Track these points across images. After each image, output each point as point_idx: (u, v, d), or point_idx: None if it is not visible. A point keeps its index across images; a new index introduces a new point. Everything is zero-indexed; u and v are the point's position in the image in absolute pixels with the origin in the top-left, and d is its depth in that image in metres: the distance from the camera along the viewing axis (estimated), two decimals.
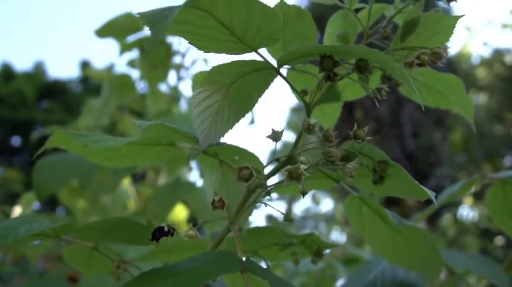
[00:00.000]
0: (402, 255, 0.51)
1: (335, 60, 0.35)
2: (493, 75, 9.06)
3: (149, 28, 0.27)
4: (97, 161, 0.50)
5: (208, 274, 0.35)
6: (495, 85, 8.80)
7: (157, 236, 0.36)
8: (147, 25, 0.27)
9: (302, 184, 0.34)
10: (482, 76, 9.19)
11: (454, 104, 0.49)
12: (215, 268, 0.36)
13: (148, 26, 0.27)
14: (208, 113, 0.38)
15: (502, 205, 0.68)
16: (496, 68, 9.12)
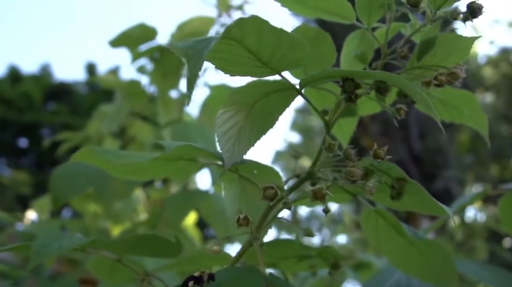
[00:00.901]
0: (417, 267, 0.52)
1: (357, 83, 0.36)
2: (500, 75, 9.02)
3: (186, 61, 0.28)
4: (119, 175, 0.52)
5: None
6: (502, 84, 8.77)
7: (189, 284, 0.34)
8: (183, 58, 0.28)
9: (326, 203, 0.35)
10: (489, 75, 9.15)
11: (468, 120, 0.50)
12: (240, 284, 0.37)
13: (184, 59, 0.28)
14: (231, 133, 0.39)
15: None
16: (502, 67, 9.08)
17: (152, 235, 0.40)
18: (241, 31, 0.30)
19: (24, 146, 11.57)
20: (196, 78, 0.27)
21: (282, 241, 0.50)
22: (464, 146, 6.60)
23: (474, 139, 6.59)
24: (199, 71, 0.27)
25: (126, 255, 0.47)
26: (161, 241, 0.40)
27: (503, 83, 8.82)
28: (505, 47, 9.26)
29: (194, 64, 0.27)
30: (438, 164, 5.15)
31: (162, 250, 0.43)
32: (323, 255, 0.51)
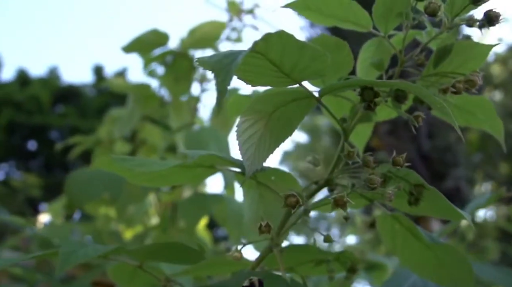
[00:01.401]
0: (433, 270, 0.53)
1: (375, 92, 0.36)
2: (508, 72, 8.96)
3: (214, 76, 0.29)
4: (138, 182, 0.52)
5: None
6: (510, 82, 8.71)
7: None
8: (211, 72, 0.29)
9: (346, 209, 0.36)
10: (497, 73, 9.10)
11: (484, 124, 0.51)
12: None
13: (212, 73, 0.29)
14: (252, 141, 0.40)
15: None
16: (511, 65, 9.02)
17: (175, 243, 0.41)
18: (267, 45, 0.31)
19: (33, 149, 11.65)
20: (225, 93, 0.28)
21: (300, 246, 0.51)
22: (473, 144, 6.58)
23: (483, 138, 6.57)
24: (227, 86, 0.28)
25: (147, 261, 0.47)
26: (183, 248, 0.41)
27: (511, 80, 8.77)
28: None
29: (222, 79, 0.28)
30: (447, 163, 5.13)
31: (184, 257, 0.43)
32: (340, 260, 0.52)
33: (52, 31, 27.89)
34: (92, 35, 29.61)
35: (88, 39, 29.01)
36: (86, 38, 29.35)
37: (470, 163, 6.13)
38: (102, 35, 29.91)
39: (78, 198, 0.87)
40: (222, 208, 0.94)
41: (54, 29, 27.91)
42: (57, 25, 29.09)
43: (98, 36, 29.64)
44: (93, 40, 29.23)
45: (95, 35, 29.65)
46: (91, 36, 29.20)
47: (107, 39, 30.77)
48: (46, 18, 29.49)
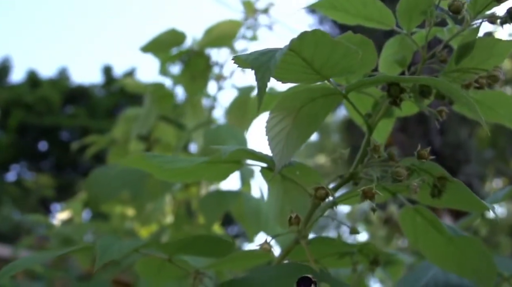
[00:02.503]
0: (455, 263, 0.54)
1: (402, 87, 0.38)
2: None
3: (254, 72, 0.30)
4: (166, 177, 0.54)
5: (287, 284, 0.38)
6: None
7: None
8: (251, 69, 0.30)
9: (374, 201, 0.37)
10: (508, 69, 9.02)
11: (504, 119, 0.52)
12: (292, 280, 0.39)
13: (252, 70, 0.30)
14: (280, 137, 0.41)
15: None
16: None
17: (207, 235, 0.42)
18: (301, 43, 0.32)
19: (44, 149, 11.75)
20: (265, 89, 0.29)
21: (324, 238, 0.52)
22: (484, 140, 6.54)
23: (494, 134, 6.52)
24: (267, 82, 0.29)
25: (176, 255, 0.49)
26: (215, 240, 0.42)
27: None
28: None
29: (261, 76, 0.29)
30: (458, 159, 5.10)
31: (214, 250, 0.45)
32: (363, 252, 0.53)
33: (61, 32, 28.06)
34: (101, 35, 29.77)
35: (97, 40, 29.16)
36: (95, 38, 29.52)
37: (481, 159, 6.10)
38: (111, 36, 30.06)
39: (99, 196, 0.89)
40: (239, 205, 0.95)
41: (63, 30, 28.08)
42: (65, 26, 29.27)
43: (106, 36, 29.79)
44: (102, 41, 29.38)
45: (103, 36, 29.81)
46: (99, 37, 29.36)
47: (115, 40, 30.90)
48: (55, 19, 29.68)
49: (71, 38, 27.51)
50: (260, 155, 0.44)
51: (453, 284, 0.58)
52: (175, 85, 1.26)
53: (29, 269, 1.53)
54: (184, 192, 1.35)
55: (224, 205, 0.89)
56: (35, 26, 27.45)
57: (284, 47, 0.31)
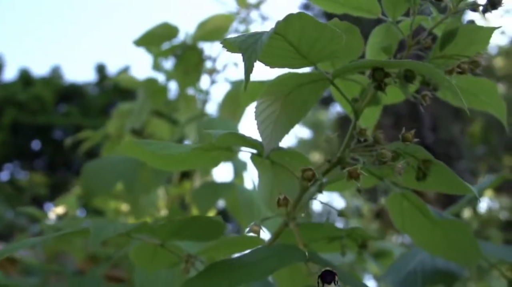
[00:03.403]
0: (441, 246, 0.55)
1: (386, 72, 0.39)
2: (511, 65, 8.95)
3: (241, 54, 0.31)
4: (159, 166, 0.55)
5: (276, 264, 0.39)
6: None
7: (327, 280, 0.36)
8: (238, 51, 0.32)
9: (360, 182, 0.38)
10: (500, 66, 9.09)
11: (487, 106, 0.53)
12: (282, 260, 0.40)
13: (240, 52, 0.31)
14: (269, 121, 0.42)
15: None
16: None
17: (198, 216, 0.43)
18: (287, 26, 0.33)
19: (37, 148, 11.71)
20: (252, 69, 0.31)
21: (314, 223, 0.53)
22: (476, 137, 6.59)
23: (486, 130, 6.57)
24: (254, 63, 0.31)
25: (169, 240, 0.50)
26: (206, 221, 0.43)
27: None
28: None
29: (248, 57, 0.31)
30: (450, 156, 5.15)
31: (206, 232, 0.46)
32: (352, 236, 0.54)
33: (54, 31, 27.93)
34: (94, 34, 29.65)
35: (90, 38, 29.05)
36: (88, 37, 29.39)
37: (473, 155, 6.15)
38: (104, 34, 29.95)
39: (93, 188, 0.90)
40: (232, 196, 0.96)
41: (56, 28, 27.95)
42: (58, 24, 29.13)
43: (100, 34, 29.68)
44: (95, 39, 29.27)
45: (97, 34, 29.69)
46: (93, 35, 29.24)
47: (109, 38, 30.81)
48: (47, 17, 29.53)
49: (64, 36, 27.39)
50: (249, 140, 0.45)
51: (439, 268, 0.59)
52: (169, 81, 1.27)
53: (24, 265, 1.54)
54: (178, 187, 1.36)
55: (217, 196, 0.90)
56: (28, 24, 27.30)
57: (270, 30, 0.32)
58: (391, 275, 0.62)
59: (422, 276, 0.59)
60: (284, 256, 0.41)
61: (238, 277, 0.39)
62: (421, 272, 0.59)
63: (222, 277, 0.40)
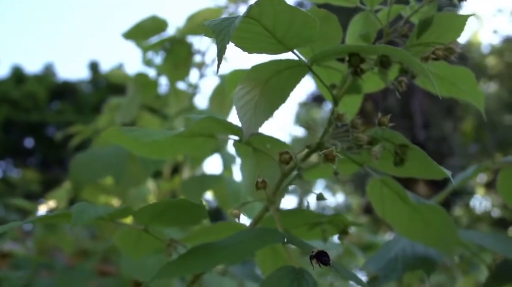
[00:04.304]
0: (421, 232, 0.56)
1: (362, 57, 0.40)
2: (504, 64, 9.01)
3: (215, 36, 0.32)
4: (143, 153, 0.56)
5: (256, 245, 0.40)
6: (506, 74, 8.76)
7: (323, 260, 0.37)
8: (212, 34, 0.32)
9: (336, 164, 0.39)
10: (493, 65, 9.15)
11: (465, 95, 0.54)
12: (260, 241, 0.41)
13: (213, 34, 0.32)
14: (249, 106, 0.43)
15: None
16: (506, 56, 9.07)
17: (178, 199, 0.44)
18: (260, 10, 0.34)
19: (30, 146, 11.67)
20: (224, 50, 0.31)
21: (294, 209, 0.54)
22: (468, 135, 6.63)
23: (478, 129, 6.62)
24: (226, 44, 0.31)
25: (152, 224, 0.51)
26: (186, 205, 0.44)
27: (506, 72, 8.81)
28: (508, 36, 9.25)
29: (222, 38, 0.31)
30: (442, 153, 5.18)
31: (187, 216, 0.47)
32: (333, 222, 0.55)
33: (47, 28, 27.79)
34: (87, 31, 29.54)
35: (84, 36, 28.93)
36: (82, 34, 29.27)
37: (465, 153, 6.19)
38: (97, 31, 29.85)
39: (81, 179, 0.90)
40: (221, 188, 0.97)
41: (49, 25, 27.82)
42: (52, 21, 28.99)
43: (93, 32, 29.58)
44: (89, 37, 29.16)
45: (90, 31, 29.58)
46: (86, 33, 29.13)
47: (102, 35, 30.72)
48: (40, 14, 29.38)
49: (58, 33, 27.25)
50: (230, 125, 0.45)
51: (420, 254, 0.60)
52: (159, 76, 1.28)
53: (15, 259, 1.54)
54: (169, 182, 1.37)
55: (205, 187, 0.91)
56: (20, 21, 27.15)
57: (243, 13, 0.33)
58: (373, 262, 0.63)
59: (402, 262, 0.60)
60: (262, 238, 0.42)
61: (216, 259, 0.40)
62: (401, 259, 0.60)
63: (200, 259, 0.41)
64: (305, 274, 0.37)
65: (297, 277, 0.36)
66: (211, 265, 0.40)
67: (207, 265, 0.40)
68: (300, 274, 0.37)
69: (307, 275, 0.37)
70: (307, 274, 0.37)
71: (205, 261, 0.40)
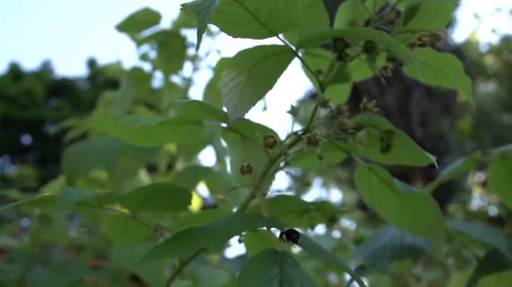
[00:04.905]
0: (409, 221, 0.56)
1: (346, 42, 0.40)
2: (502, 63, 9.02)
3: (196, 15, 0.32)
4: (132, 141, 0.56)
5: (239, 229, 0.40)
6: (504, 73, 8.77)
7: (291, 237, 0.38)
8: (193, 13, 0.32)
9: (320, 148, 0.39)
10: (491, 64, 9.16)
11: (453, 83, 0.54)
12: (244, 225, 0.41)
13: (194, 14, 0.32)
14: (234, 92, 0.43)
15: (504, 179, 0.73)
16: (505, 55, 9.08)
17: (165, 184, 0.44)
18: None
19: (28, 143, 11.65)
20: (204, 29, 0.32)
21: (282, 196, 0.54)
22: (465, 133, 6.64)
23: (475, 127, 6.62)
24: (207, 23, 0.32)
25: (139, 211, 0.51)
26: (173, 190, 0.44)
27: (505, 71, 8.83)
28: (507, 35, 9.26)
29: (202, 17, 0.32)
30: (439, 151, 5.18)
31: (174, 201, 0.47)
32: (321, 210, 0.55)
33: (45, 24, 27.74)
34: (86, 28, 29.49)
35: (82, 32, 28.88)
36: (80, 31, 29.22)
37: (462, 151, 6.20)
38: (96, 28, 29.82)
39: (74, 170, 0.91)
40: (213, 180, 0.98)
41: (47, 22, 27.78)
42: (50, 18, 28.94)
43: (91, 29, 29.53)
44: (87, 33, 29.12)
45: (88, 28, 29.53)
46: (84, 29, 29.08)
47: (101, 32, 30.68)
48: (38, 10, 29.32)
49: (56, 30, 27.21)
50: (216, 111, 0.46)
51: (407, 243, 0.61)
52: (155, 70, 1.28)
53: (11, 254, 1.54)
54: (165, 177, 1.37)
55: (198, 178, 0.91)
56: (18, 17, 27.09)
57: None
58: (361, 252, 0.63)
59: (390, 251, 0.60)
60: (246, 222, 0.42)
61: (199, 242, 0.40)
62: (390, 248, 0.60)
63: (185, 242, 0.41)
64: (287, 257, 0.37)
65: (279, 259, 0.36)
66: (195, 248, 0.40)
67: (191, 248, 0.40)
68: (282, 256, 0.37)
69: (289, 258, 0.37)
70: (289, 257, 0.37)
71: (189, 244, 0.40)
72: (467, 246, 0.72)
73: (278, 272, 0.35)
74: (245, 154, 0.53)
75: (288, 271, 0.36)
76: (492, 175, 0.74)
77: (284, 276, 0.35)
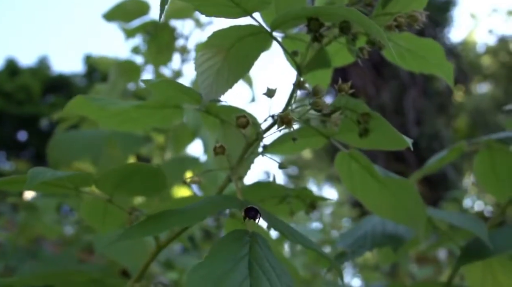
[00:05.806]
0: (389, 207, 0.56)
1: (321, 22, 0.39)
2: (499, 64, 9.03)
3: None
4: (111, 125, 0.55)
5: (211, 209, 0.40)
6: (501, 73, 8.78)
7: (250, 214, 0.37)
8: None
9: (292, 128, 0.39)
10: (488, 64, 9.17)
11: (435, 69, 0.54)
12: (217, 205, 0.41)
13: None
14: (209, 72, 0.43)
15: (488, 169, 0.72)
16: (501, 56, 9.10)
17: (139, 165, 0.44)
18: None
19: (24, 139, 11.62)
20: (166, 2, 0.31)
21: (262, 183, 0.54)
22: (460, 131, 6.64)
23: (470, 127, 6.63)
24: None
25: (115, 194, 0.50)
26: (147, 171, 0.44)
27: (501, 72, 8.84)
28: (504, 36, 9.27)
29: None
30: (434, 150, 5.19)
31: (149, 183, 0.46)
32: (300, 197, 0.55)
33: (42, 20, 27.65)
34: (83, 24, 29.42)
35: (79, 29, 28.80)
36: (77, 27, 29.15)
37: None
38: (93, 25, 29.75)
39: (59, 159, 0.90)
40: (200, 170, 0.97)
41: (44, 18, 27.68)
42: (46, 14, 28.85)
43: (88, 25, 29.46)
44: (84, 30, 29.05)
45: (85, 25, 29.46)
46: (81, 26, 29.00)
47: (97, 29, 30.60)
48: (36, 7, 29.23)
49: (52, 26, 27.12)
50: (190, 92, 0.45)
51: (389, 231, 0.60)
52: (147, 64, 1.27)
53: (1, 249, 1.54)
54: None
55: (184, 168, 0.90)
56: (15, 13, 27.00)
57: None
58: (343, 239, 0.63)
59: (371, 239, 0.60)
60: (220, 203, 0.41)
61: (172, 221, 0.40)
62: (371, 236, 0.60)
63: (158, 222, 0.41)
64: (258, 238, 0.37)
65: (249, 240, 0.36)
66: (168, 227, 0.40)
67: (164, 227, 0.40)
68: (253, 237, 0.36)
69: (261, 238, 0.37)
70: (261, 238, 0.37)
71: (162, 224, 0.40)
72: (453, 238, 0.71)
73: (247, 251, 0.35)
74: (224, 137, 0.53)
75: (258, 251, 0.35)
76: (477, 166, 0.73)
77: (253, 255, 0.35)
